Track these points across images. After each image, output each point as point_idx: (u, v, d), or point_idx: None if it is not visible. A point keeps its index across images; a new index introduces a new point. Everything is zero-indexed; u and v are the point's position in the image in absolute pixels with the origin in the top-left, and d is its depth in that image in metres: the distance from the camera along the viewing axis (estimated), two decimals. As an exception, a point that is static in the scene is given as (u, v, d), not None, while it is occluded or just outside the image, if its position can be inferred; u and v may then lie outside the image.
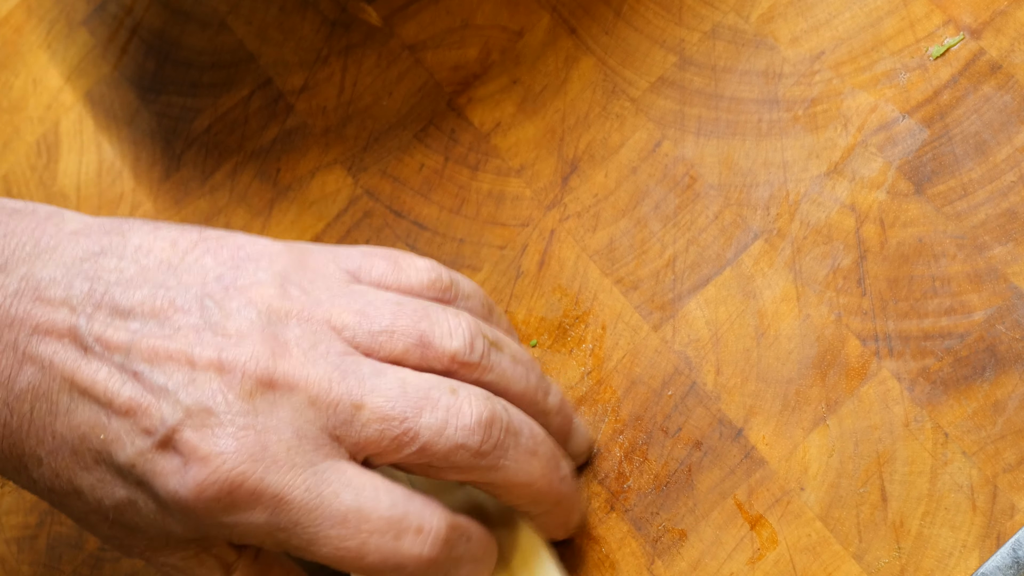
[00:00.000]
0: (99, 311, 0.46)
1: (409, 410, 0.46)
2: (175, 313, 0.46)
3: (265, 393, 0.45)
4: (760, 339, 0.53)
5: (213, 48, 0.68)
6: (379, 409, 0.46)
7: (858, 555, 0.49)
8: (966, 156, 0.52)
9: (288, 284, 0.48)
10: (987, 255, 0.51)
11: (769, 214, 0.54)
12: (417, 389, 0.47)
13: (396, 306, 0.48)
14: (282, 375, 0.45)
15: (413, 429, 0.46)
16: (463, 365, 0.48)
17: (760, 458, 0.51)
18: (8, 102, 0.72)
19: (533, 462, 0.48)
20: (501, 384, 0.49)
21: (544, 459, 0.48)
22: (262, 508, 0.45)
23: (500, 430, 0.47)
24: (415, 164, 0.62)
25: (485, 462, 0.47)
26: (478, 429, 0.47)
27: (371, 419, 0.46)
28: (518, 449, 0.47)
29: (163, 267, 0.48)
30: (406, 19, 0.64)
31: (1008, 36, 0.53)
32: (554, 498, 0.49)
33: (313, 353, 0.46)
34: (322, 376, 0.46)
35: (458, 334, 0.48)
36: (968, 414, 0.49)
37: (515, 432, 0.48)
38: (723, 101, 0.57)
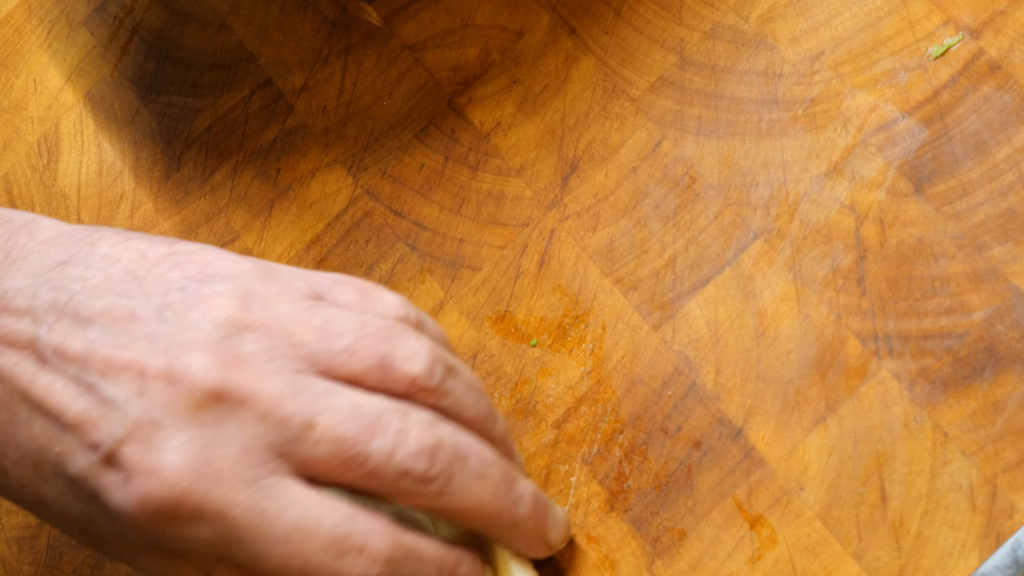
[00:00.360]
0: (61, 320, 0.46)
1: (361, 433, 0.46)
2: (133, 323, 0.46)
3: (214, 406, 0.45)
4: (760, 339, 0.53)
5: (213, 48, 0.68)
6: (331, 430, 0.45)
7: (858, 555, 0.49)
8: (966, 156, 0.52)
9: (251, 298, 0.47)
10: (987, 255, 0.51)
11: (769, 214, 0.54)
12: (369, 413, 0.46)
13: (360, 325, 0.48)
14: (232, 388, 0.45)
15: (363, 453, 0.46)
16: (421, 390, 0.48)
17: (760, 458, 0.51)
18: (8, 102, 0.72)
19: (481, 486, 0.48)
20: (456, 410, 0.49)
21: (493, 482, 0.48)
22: (206, 524, 0.44)
23: (446, 456, 0.47)
24: (415, 164, 0.62)
25: (431, 488, 0.47)
26: (424, 455, 0.46)
27: (322, 439, 0.45)
28: (465, 474, 0.47)
29: (128, 277, 0.47)
30: (406, 19, 0.64)
31: (1008, 36, 0.53)
32: (509, 520, 0.49)
33: (268, 368, 0.46)
34: (275, 392, 0.45)
35: (419, 358, 0.48)
36: (968, 414, 0.49)
37: (462, 457, 0.47)
38: (723, 101, 0.57)
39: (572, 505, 0.54)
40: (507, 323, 0.58)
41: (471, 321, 0.58)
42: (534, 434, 0.55)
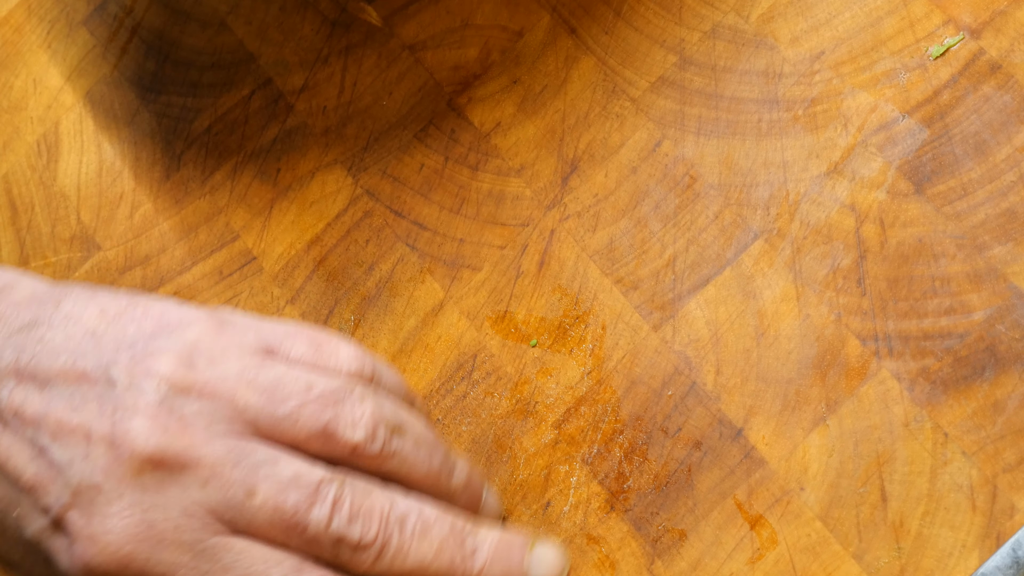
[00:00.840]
0: (21, 383, 0.47)
1: (301, 503, 0.46)
2: (85, 384, 0.47)
3: (154, 471, 0.45)
4: (760, 339, 0.53)
5: (213, 48, 0.68)
6: (271, 499, 0.46)
7: (858, 555, 0.49)
8: (966, 156, 0.52)
9: (197, 355, 0.48)
10: (987, 255, 0.51)
11: (769, 214, 0.54)
12: (309, 483, 0.47)
13: (305, 388, 0.48)
14: (173, 454, 0.46)
15: (303, 522, 0.46)
16: (364, 457, 0.48)
17: (760, 458, 0.51)
18: (8, 102, 0.72)
19: (424, 545, 0.48)
20: (402, 471, 0.50)
21: (438, 539, 0.49)
22: None
23: (381, 521, 0.47)
24: (415, 164, 0.62)
25: (368, 554, 0.47)
26: (357, 522, 0.47)
27: (263, 507, 0.46)
28: (404, 536, 0.48)
29: (87, 336, 0.48)
30: (406, 19, 0.64)
31: (1008, 36, 0.53)
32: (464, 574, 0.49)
33: (210, 432, 0.46)
34: (216, 457, 0.46)
35: (361, 425, 0.48)
36: (968, 414, 0.49)
37: (400, 520, 0.48)
38: (723, 101, 0.57)
39: (572, 505, 0.54)
40: (507, 323, 0.58)
41: (471, 321, 0.58)
42: (534, 434, 0.55)
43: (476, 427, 0.56)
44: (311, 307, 0.61)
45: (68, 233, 0.68)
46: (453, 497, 0.51)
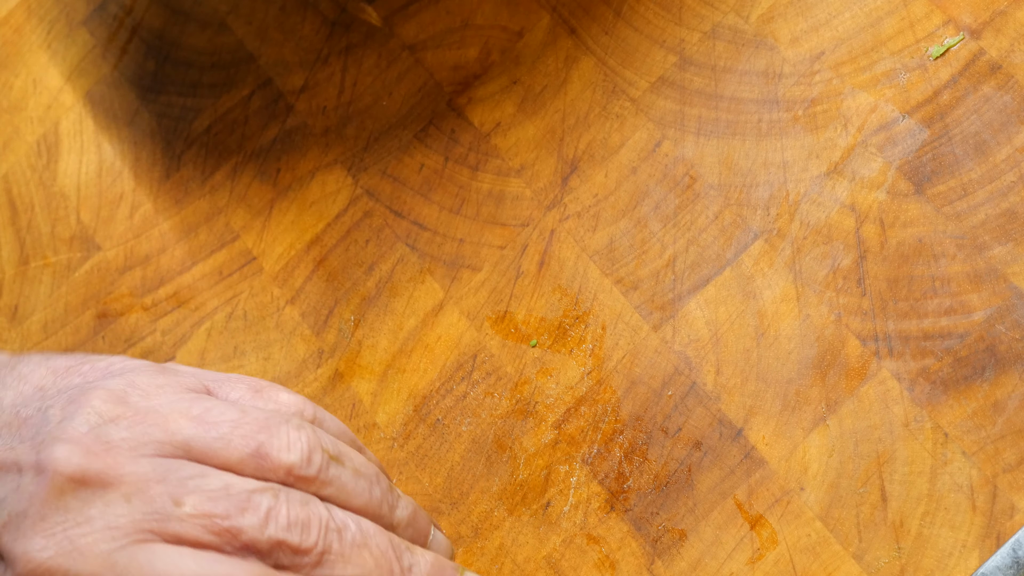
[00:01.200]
0: None
1: (231, 509, 0.46)
2: (24, 426, 0.48)
3: (77, 491, 0.46)
4: (760, 339, 0.53)
5: (213, 48, 0.68)
6: (199, 507, 0.46)
7: (858, 555, 0.49)
8: (966, 156, 0.52)
9: (132, 390, 0.49)
10: (987, 255, 0.51)
11: (769, 214, 0.54)
12: (240, 492, 0.47)
13: (238, 414, 0.49)
14: (95, 472, 0.46)
15: (235, 527, 0.46)
16: (299, 479, 0.48)
17: (760, 458, 0.51)
18: (8, 102, 0.72)
19: (364, 554, 0.48)
20: (341, 498, 0.49)
21: (379, 551, 0.48)
22: None
23: (321, 527, 0.47)
24: (415, 164, 0.62)
25: (308, 559, 0.47)
26: (296, 527, 0.47)
27: (191, 515, 0.46)
28: (344, 544, 0.48)
29: (35, 391, 0.50)
30: (406, 19, 0.64)
31: (1008, 36, 0.53)
32: None
33: (136, 452, 0.47)
34: (141, 474, 0.46)
35: (296, 448, 0.48)
36: (968, 414, 0.49)
37: (338, 529, 0.48)
38: (723, 101, 0.57)
39: (572, 505, 0.54)
40: (507, 323, 0.58)
41: (471, 321, 0.58)
42: (534, 434, 0.55)
43: (476, 427, 0.56)
44: (311, 307, 0.61)
45: (68, 233, 0.68)
46: (397, 531, 0.51)
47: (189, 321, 0.63)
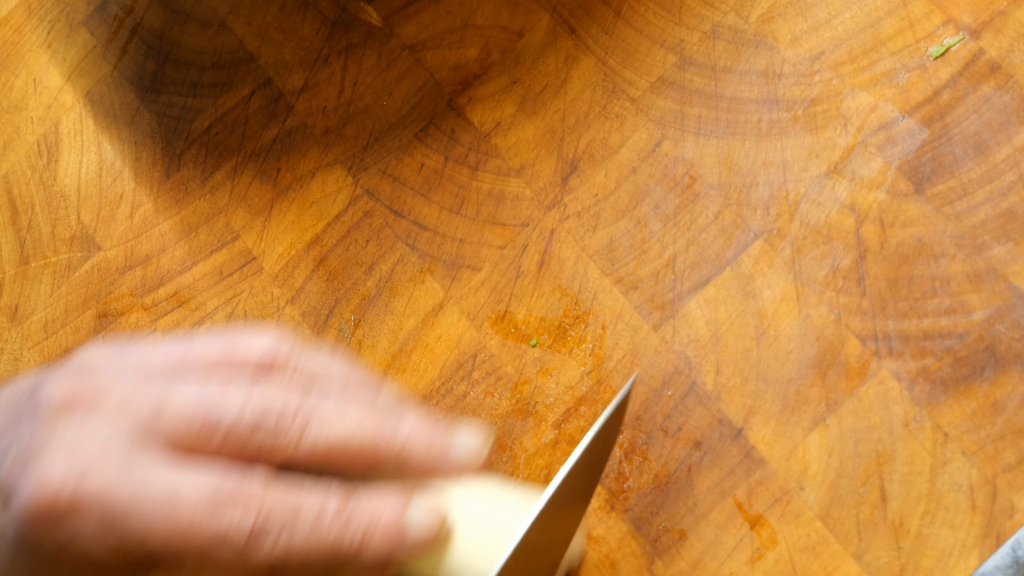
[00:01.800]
0: None
1: (210, 401, 0.49)
2: (12, 402, 0.51)
3: (70, 413, 0.48)
4: (760, 339, 0.53)
5: (213, 48, 0.68)
6: (181, 405, 0.49)
7: (858, 555, 0.49)
8: (966, 156, 0.52)
9: (117, 350, 0.52)
10: (987, 255, 0.51)
11: (769, 214, 0.54)
12: (218, 385, 0.49)
13: (206, 335, 0.51)
14: (83, 393, 0.48)
15: (215, 414, 0.48)
16: (270, 368, 0.51)
17: (760, 458, 0.51)
18: (8, 102, 0.72)
19: (348, 416, 0.49)
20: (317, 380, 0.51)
21: (361, 411, 0.50)
22: (88, 513, 0.47)
23: (299, 403, 0.49)
24: (415, 164, 0.62)
25: (293, 430, 0.49)
26: (276, 402, 0.49)
27: (176, 414, 0.48)
28: (326, 409, 0.49)
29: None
30: (406, 19, 0.64)
31: (1008, 36, 0.53)
32: (391, 444, 0.50)
33: (118, 375, 0.50)
34: (124, 389, 0.49)
35: (260, 342, 0.51)
36: (968, 414, 0.49)
37: (315, 405, 0.50)
38: (723, 101, 0.57)
39: (572, 505, 0.54)
40: (507, 323, 0.58)
41: (471, 321, 0.58)
42: (534, 434, 0.55)
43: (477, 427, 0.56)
44: (311, 307, 0.61)
45: (68, 233, 0.68)
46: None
47: (189, 321, 0.63)
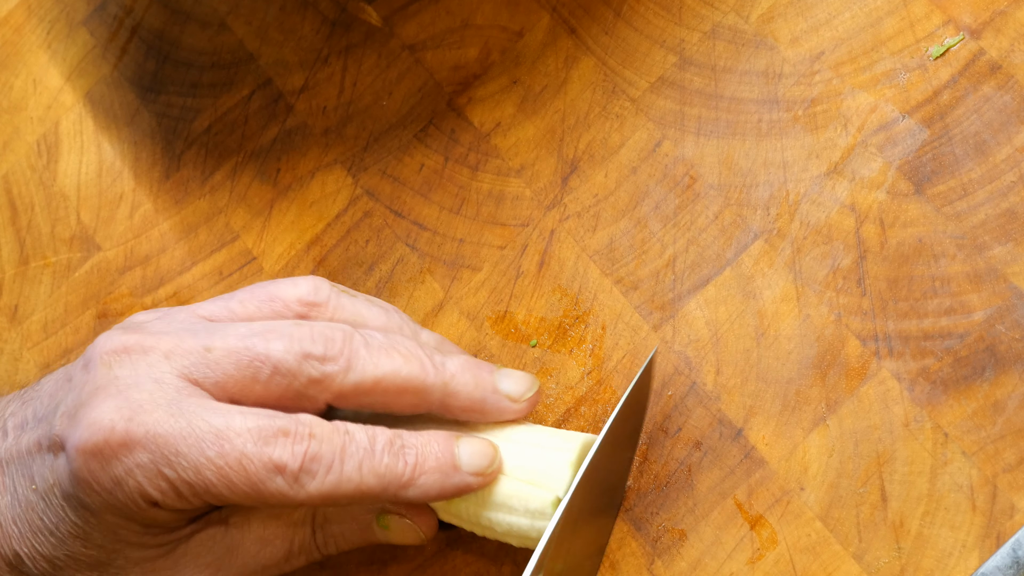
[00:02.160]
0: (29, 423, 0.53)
1: (256, 340, 0.50)
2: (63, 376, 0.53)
3: (121, 358, 0.50)
4: (760, 339, 0.53)
5: (213, 48, 0.68)
6: (228, 346, 0.50)
7: (858, 555, 0.49)
8: (966, 156, 0.52)
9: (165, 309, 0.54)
10: (987, 255, 0.51)
11: (769, 214, 0.54)
12: (262, 326, 0.51)
13: (246, 289, 0.54)
14: (135, 341, 0.51)
15: (263, 353, 0.50)
16: (312, 306, 0.52)
17: (760, 458, 0.51)
18: (8, 102, 0.72)
19: (394, 355, 0.50)
20: (359, 321, 0.53)
21: (406, 350, 0.51)
22: (141, 448, 0.48)
23: (344, 336, 0.50)
24: (415, 164, 0.62)
25: (338, 365, 0.50)
26: (320, 338, 0.50)
27: (222, 356, 0.50)
28: (370, 348, 0.50)
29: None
30: (406, 19, 0.64)
31: (1008, 36, 0.53)
32: (437, 379, 0.51)
33: (166, 325, 0.52)
34: (173, 335, 0.51)
35: (303, 283, 0.53)
36: (968, 414, 0.49)
37: (364, 338, 0.51)
38: (723, 101, 0.57)
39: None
40: (507, 323, 0.58)
41: (471, 321, 0.58)
42: (534, 434, 0.55)
43: (476, 427, 0.56)
44: (311, 307, 0.61)
45: (68, 233, 0.68)
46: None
47: (189, 321, 0.63)
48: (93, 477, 0.49)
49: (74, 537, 0.50)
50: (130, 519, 0.50)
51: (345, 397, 0.50)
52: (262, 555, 0.52)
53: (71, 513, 0.50)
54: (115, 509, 0.49)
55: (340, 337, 0.50)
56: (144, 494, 0.49)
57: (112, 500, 0.49)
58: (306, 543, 0.52)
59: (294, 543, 0.52)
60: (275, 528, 0.52)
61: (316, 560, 0.53)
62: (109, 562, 0.51)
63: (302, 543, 0.52)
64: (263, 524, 0.52)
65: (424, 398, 0.51)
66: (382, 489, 0.49)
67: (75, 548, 0.51)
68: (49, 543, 0.51)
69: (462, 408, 0.51)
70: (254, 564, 0.52)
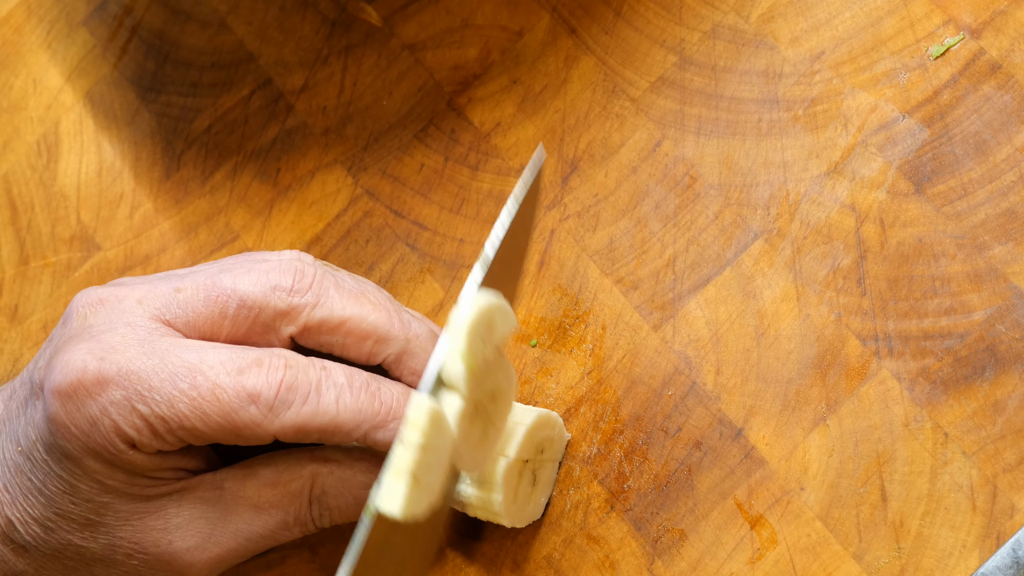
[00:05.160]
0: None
1: (224, 276, 0.51)
2: None
3: (96, 308, 0.52)
4: (760, 339, 0.53)
5: (213, 48, 0.68)
6: (196, 283, 0.51)
7: (858, 555, 0.49)
8: (966, 156, 0.52)
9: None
10: (987, 255, 0.51)
11: (769, 214, 0.54)
12: (233, 261, 0.52)
13: (235, 256, 0.54)
14: (109, 293, 0.52)
15: (230, 287, 0.51)
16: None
17: (760, 458, 0.51)
18: (8, 102, 0.72)
19: (363, 301, 0.51)
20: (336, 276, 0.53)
21: (375, 301, 0.51)
22: (114, 386, 0.49)
23: (314, 271, 0.51)
24: (415, 164, 0.62)
25: (304, 299, 0.51)
26: (290, 270, 0.51)
27: (191, 294, 0.51)
28: (340, 289, 0.51)
29: None
30: (406, 19, 0.64)
31: (1008, 36, 0.53)
32: (401, 331, 0.51)
33: (143, 280, 0.53)
34: (147, 283, 0.52)
35: (287, 252, 0.53)
36: (968, 414, 0.49)
37: (336, 279, 0.51)
38: (723, 101, 0.57)
39: (572, 505, 0.54)
40: (507, 323, 0.58)
41: (471, 321, 0.58)
42: (534, 434, 0.55)
43: (476, 427, 0.56)
44: (311, 307, 0.61)
45: (68, 233, 0.68)
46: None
47: (189, 321, 0.63)
48: (70, 419, 0.49)
49: (62, 493, 0.51)
50: (112, 465, 0.50)
51: (310, 332, 0.51)
52: (256, 523, 0.52)
53: (55, 466, 0.50)
54: (94, 453, 0.50)
55: (311, 272, 0.51)
56: (120, 432, 0.49)
57: (90, 443, 0.49)
58: (302, 515, 0.52)
59: (289, 514, 0.52)
60: (271, 496, 0.52)
61: (311, 532, 0.53)
62: (99, 520, 0.51)
63: (297, 514, 0.52)
64: (258, 491, 0.52)
65: (384, 348, 0.51)
66: (355, 426, 0.49)
67: (64, 505, 0.51)
68: (39, 503, 0.51)
69: (414, 370, 0.51)
70: (248, 532, 0.52)
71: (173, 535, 0.51)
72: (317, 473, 0.51)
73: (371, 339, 0.51)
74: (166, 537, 0.51)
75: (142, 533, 0.51)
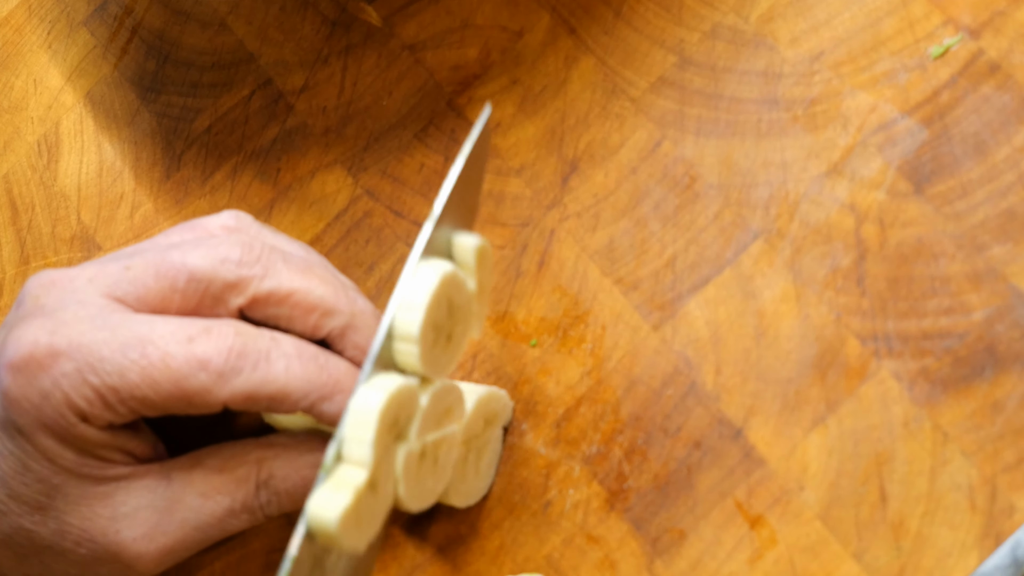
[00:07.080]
0: None
1: (173, 252, 0.51)
2: None
3: (48, 289, 0.52)
4: (760, 339, 0.53)
5: (213, 48, 0.68)
6: (146, 260, 0.51)
7: (857, 555, 0.49)
8: (965, 156, 0.52)
9: None
10: (986, 255, 0.51)
11: (769, 214, 0.54)
12: (181, 239, 0.52)
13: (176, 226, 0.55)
14: (61, 274, 0.52)
15: (179, 262, 0.51)
16: (233, 231, 0.54)
17: (760, 458, 0.51)
18: (8, 102, 0.72)
19: (310, 275, 0.51)
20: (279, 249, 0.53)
21: (322, 275, 0.52)
22: (66, 358, 0.49)
23: (261, 247, 0.51)
24: (415, 164, 0.62)
25: (252, 271, 0.51)
26: (238, 244, 0.51)
27: (141, 271, 0.51)
28: (288, 264, 0.51)
29: None
30: (406, 19, 0.64)
31: (1007, 36, 0.53)
32: (347, 307, 0.51)
33: (93, 260, 0.53)
34: (98, 263, 0.52)
35: (225, 213, 0.54)
36: (967, 414, 0.49)
37: (282, 252, 0.52)
38: (723, 101, 0.57)
39: (572, 505, 0.54)
40: (507, 323, 0.58)
41: (471, 321, 0.58)
42: (534, 434, 0.55)
43: (476, 427, 0.56)
44: (311, 307, 0.61)
45: (68, 233, 0.68)
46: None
47: (189, 321, 0.63)
48: (22, 393, 0.50)
49: (14, 473, 0.51)
50: (63, 441, 0.50)
51: (258, 304, 0.51)
52: (203, 510, 0.52)
53: (8, 443, 0.51)
54: (46, 428, 0.50)
55: (259, 247, 0.51)
56: (71, 404, 0.49)
57: (42, 416, 0.50)
58: (249, 500, 0.52)
59: (236, 500, 0.52)
60: (218, 482, 0.52)
61: (259, 521, 0.53)
62: (49, 502, 0.51)
63: (245, 500, 0.52)
64: (205, 478, 0.52)
65: (329, 321, 0.51)
66: (303, 395, 0.50)
67: (16, 486, 0.51)
68: None
69: (357, 344, 0.52)
70: (195, 520, 0.52)
71: (120, 524, 0.52)
72: (263, 458, 0.52)
73: (317, 312, 0.51)
74: (114, 526, 0.52)
75: (90, 520, 0.52)
